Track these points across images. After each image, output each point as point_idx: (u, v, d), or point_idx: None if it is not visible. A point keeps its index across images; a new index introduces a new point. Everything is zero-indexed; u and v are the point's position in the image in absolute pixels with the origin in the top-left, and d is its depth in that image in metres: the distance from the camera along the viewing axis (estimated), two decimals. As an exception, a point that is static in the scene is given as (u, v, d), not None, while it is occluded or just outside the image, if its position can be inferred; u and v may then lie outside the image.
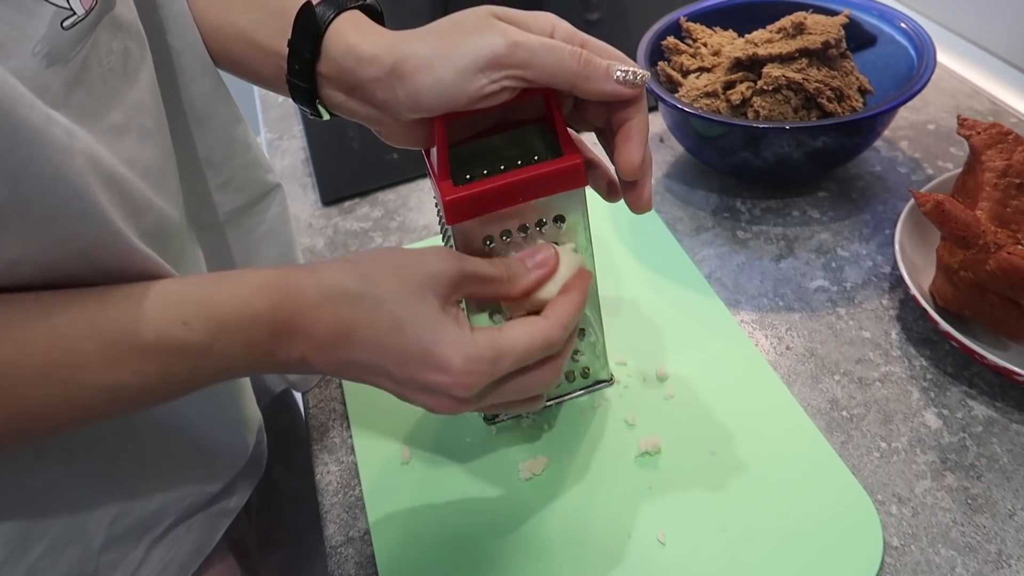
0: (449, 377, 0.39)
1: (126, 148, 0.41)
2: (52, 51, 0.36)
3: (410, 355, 0.39)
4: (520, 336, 0.41)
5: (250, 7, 0.48)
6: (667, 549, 0.48)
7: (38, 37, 0.35)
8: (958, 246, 0.54)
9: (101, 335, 0.36)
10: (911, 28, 0.72)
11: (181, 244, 0.46)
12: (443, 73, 0.40)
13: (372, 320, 0.39)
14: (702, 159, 0.76)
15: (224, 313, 0.38)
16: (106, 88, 0.40)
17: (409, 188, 0.80)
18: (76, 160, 0.35)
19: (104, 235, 0.36)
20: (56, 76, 0.36)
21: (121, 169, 0.39)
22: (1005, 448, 0.51)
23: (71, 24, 0.36)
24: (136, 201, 0.40)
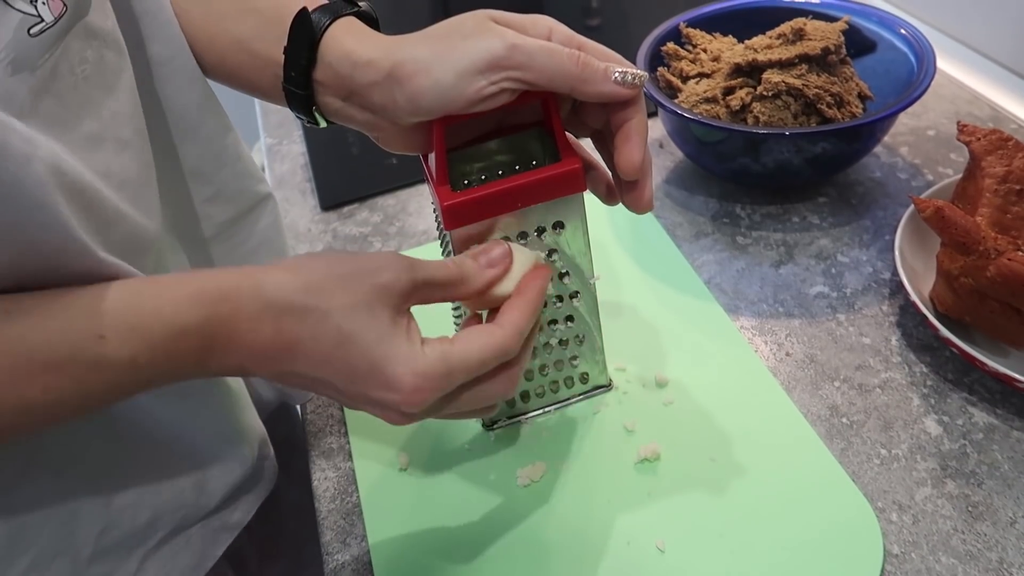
0: (398, 395, 0.38)
1: (100, 159, 0.40)
2: (17, 58, 0.35)
3: (358, 371, 0.38)
4: (472, 348, 0.39)
5: (244, 17, 0.48)
6: (666, 556, 0.47)
7: (2, 44, 0.34)
8: (958, 252, 0.54)
9: (9, 349, 0.34)
10: (911, 34, 0.72)
11: (159, 257, 0.45)
12: (441, 75, 0.40)
13: (317, 334, 0.38)
14: (701, 165, 0.76)
15: (147, 324, 0.36)
16: (79, 97, 0.39)
17: (408, 193, 0.80)
18: (36, 169, 0.34)
19: (67, 246, 0.35)
20: (22, 84, 0.35)
21: (89, 179, 0.38)
22: (1006, 455, 0.51)
23: (39, 31, 0.36)
24: (106, 212, 0.39)
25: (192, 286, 0.37)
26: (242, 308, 0.37)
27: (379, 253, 0.41)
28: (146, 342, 0.36)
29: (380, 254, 0.41)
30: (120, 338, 0.35)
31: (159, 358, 0.36)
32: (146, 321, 0.36)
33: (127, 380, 0.37)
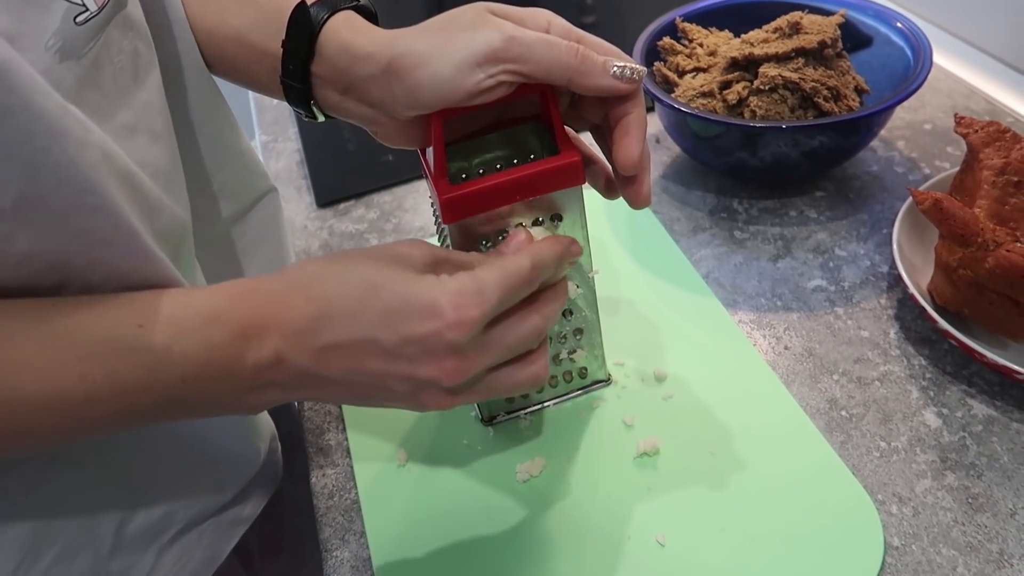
0: (441, 320, 0.36)
1: (136, 149, 0.40)
2: (65, 46, 0.36)
3: (394, 311, 0.36)
4: (493, 267, 0.39)
5: (244, 9, 0.48)
6: (666, 550, 0.47)
7: (51, 31, 0.35)
8: (957, 244, 0.54)
9: (48, 337, 0.34)
10: (907, 28, 0.72)
11: (190, 249, 0.46)
12: (439, 68, 0.40)
13: (346, 289, 0.37)
14: (699, 159, 0.76)
15: (181, 313, 0.36)
16: (116, 87, 0.40)
17: (404, 190, 0.80)
18: (91, 153, 0.34)
19: (117, 232, 0.36)
20: (69, 72, 0.36)
21: (133, 168, 0.38)
22: (1005, 447, 0.51)
23: (84, 20, 0.36)
24: (149, 200, 0.39)
25: (222, 285, 0.38)
26: (270, 289, 0.38)
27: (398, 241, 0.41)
28: (181, 328, 0.36)
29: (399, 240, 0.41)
30: (155, 325, 0.35)
31: (193, 347, 0.36)
32: (180, 310, 0.36)
33: (164, 375, 0.36)
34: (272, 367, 0.37)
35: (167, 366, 0.35)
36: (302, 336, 0.37)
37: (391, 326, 0.36)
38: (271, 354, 0.37)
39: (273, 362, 0.37)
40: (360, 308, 0.37)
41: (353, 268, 0.38)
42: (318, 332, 0.37)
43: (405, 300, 0.37)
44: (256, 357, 0.37)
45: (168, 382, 0.36)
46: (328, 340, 0.37)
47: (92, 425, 0.37)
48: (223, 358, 0.36)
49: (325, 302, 0.37)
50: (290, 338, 0.37)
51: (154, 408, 0.37)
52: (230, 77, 0.51)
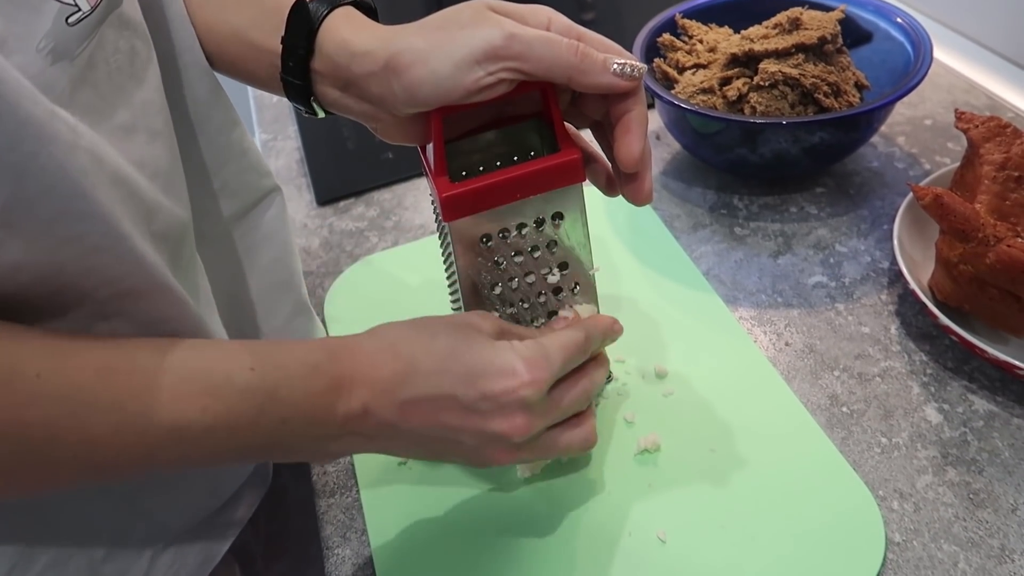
0: (517, 379, 0.41)
1: (134, 148, 0.40)
2: (57, 48, 0.35)
3: (474, 370, 0.41)
4: (555, 337, 0.44)
5: (243, 6, 0.48)
6: (667, 547, 0.47)
7: (43, 33, 0.35)
8: (957, 239, 0.54)
9: (175, 371, 0.37)
10: (907, 23, 0.72)
11: (192, 247, 0.46)
12: (439, 66, 0.40)
13: (430, 349, 0.42)
14: (699, 156, 0.76)
15: (287, 361, 0.40)
16: (112, 86, 0.39)
17: (404, 187, 0.80)
18: (80, 158, 0.34)
19: (107, 237, 0.36)
20: (62, 73, 0.36)
21: (129, 169, 0.38)
22: (1006, 442, 0.51)
23: (76, 20, 0.36)
24: (146, 202, 0.39)
25: (320, 340, 0.42)
26: (360, 348, 0.42)
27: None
28: (286, 375, 0.39)
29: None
30: (265, 370, 0.39)
31: (297, 394, 0.39)
32: (286, 359, 0.40)
33: (270, 414, 0.39)
34: (359, 418, 0.41)
35: (273, 408, 0.39)
36: (388, 391, 0.41)
37: (469, 383, 0.41)
38: (359, 406, 0.40)
39: (360, 413, 0.40)
40: (443, 368, 0.41)
41: (435, 333, 0.43)
42: (403, 388, 0.41)
43: (485, 361, 0.41)
44: (346, 407, 0.40)
45: (272, 423, 0.39)
46: (411, 395, 0.41)
47: (204, 456, 0.39)
48: (319, 405, 0.40)
49: (410, 361, 0.41)
50: (377, 392, 0.41)
51: (256, 447, 0.40)
52: (230, 73, 0.51)
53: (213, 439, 0.38)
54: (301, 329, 0.60)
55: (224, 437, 0.38)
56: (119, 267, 0.37)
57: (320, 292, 0.69)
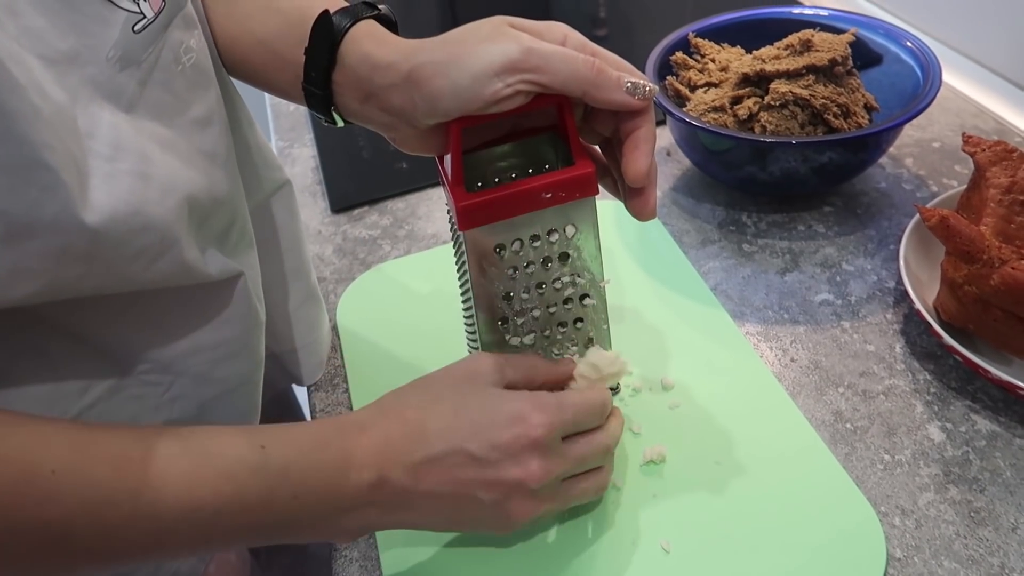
0: (524, 424, 0.42)
1: (209, 140, 0.43)
2: (125, 55, 0.37)
3: (482, 422, 0.42)
4: (574, 393, 0.46)
5: (268, 18, 0.49)
6: (671, 557, 0.48)
7: (111, 43, 0.36)
8: (962, 261, 0.54)
9: (189, 455, 0.38)
10: (917, 47, 0.73)
11: (241, 229, 0.48)
12: (459, 77, 0.41)
13: (437, 410, 0.43)
14: (709, 173, 0.77)
15: (298, 437, 0.41)
16: (186, 83, 0.42)
17: (418, 197, 0.81)
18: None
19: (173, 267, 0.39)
20: (130, 79, 0.38)
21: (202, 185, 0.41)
22: (1008, 462, 0.52)
23: (142, 27, 0.38)
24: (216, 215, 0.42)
25: (330, 418, 0.45)
26: (370, 420, 0.43)
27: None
28: (298, 451, 0.40)
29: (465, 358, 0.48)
30: (277, 447, 0.40)
31: (308, 469, 0.40)
32: (296, 435, 0.41)
33: (281, 492, 0.39)
34: (373, 488, 0.41)
35: (284, 485, 0.39)
36: (400, 456, 0.42)
37: (479, 435, 0.42)
38: (372, 476, 0.41)
39: (374, 483, 0.41)
40: (451, 425, 0.42)
41: (439, 394, 0.44)
42: (415, 450, 0.42)
43: (493, 411, 0.43)
44: (358, 479, 0.41)
45: (283, 500, 0.40)
46: (423, 456, 0.42)
47: (215, 539, 0.40)
48: (330, 479, 0.41)
49: (419, 424, 0.42)
50: (390, 459, 0.41)
51: (269, 526, 0.40)
52: (252, 82, 0.52)
53: (225, 521, 0.38)
54: (312, 315, 0.62)
55: (236, 518, 0.39)
56: (171, 268, 0.39)
57: (333, 298, 0.70)
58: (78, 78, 0.35)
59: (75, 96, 0.35)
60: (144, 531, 0.37)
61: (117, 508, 0.36)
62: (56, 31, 0.35)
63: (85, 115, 0.36)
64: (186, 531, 0.38)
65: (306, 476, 0.40)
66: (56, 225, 0.33)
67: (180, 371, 0.44)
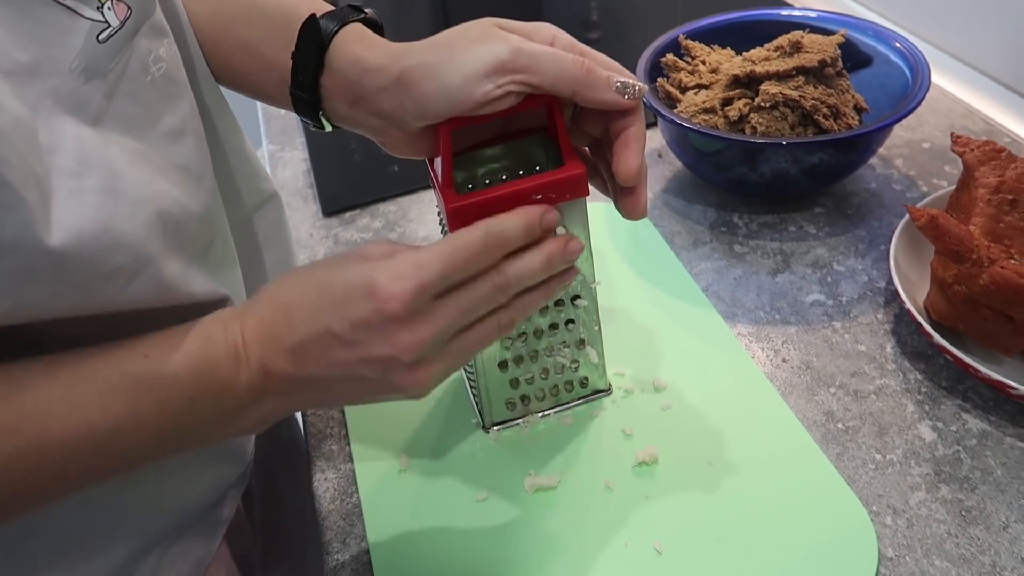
0: (377, 297, 0.37)
1: (182, 152, 0.41)
2: (90, 66, 0.36)
3: (340, 299, 0.38)
4: (439, 243, 0.40)
5: (252, 21, 0.49)
6: (664, 558, 0.48)
7: (74, 53, 0.35)
8: (952, 260, 0.55)
9: (64, 382, 0.36)
10: (906, 48, 0.74)
11: (222, 245, 0.47)
12: (449, 79, 0.41)
13: (304, 290, 0.40)
14: (700, 174, 0.77)
15: (181, 338, 0.39)
16: (157, 93, 0.40)
17: (409, 200, 0.81)
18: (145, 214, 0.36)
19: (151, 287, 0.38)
20: (95, 90, 0.36)
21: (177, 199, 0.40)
22: (999, 461, 0.52)
23: (106, 37, 0.37)
24: (187, 230, 0.41)
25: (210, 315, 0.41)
26: (250, 308, 0.40)
27: None
28: (184, 355, 0.38)
29: None
30: (161, 353, 0.38)
31: (197, 369, 0.38)
32: (180, 337, 0.39)
33: (174, 399, 0.38)
34: (262, 376, 0.39)
35: (176, 390, 0.38)
36: (275, 341, 0.39)
37: (340, 314, 0.38)
38: (257, 363, 0.39)
39: (261, 371, 0.39)
40: (315, 305, 0.39)
41: (312, 271, 0.40)
42: (286, 335, 0.39)
43: (345, 287, 0.38)
44: (248, 371, 0.39)
45: (179, 405, 0.38)
46: (295, 340, 0.39)
47: (117, 461, 0.38)
48: (221, 376, 0.39)
49: (287, 305, 0.40)
50: (266, 344, 0.39)
51: (171, 435, 0.39)
52: (237, 87, 0.52)
53: (122, 439, 0.37)
54: None
55: (133, 435, 0.37)
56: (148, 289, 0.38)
57: (324, 301, 0.69)
58: (39, 90, 0.34)
59: (36, 109, 0.34)
60: (36, 464, 0.35)
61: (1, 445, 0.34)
62: (14, 42, 0.33)
63: (47, 129, 0.34)
64: (83, 458, 0.36)
65: (197, 377, 0.38)
66: (18, 245, 0.32)
67: None
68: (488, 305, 0.41)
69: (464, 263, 0.39)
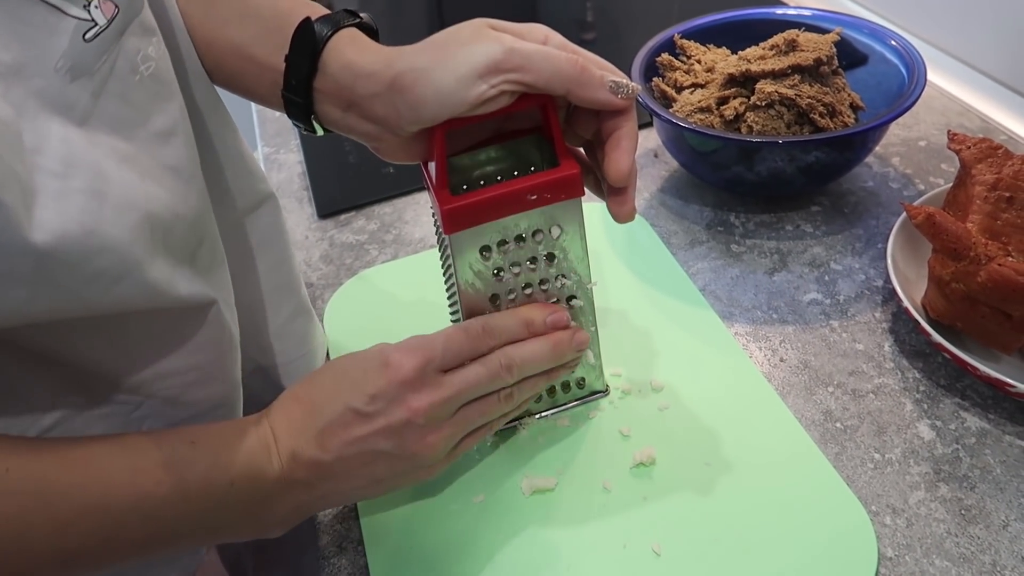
0: (391, 367, 0.43)
1: (171, 153, 0.41)
2: (76, 65, 0.35)
3: (356, 378, 0.44)
4: (447, 329, 0.46)
5: (246, 23, 0.49)
6: (662, 560, 0.47)
7: (60, 53, 0.35)
8: (949, 258, 0.54)
9: (127, 452, 0.39)
10: (902, 46, 0.74)
11: (211, 247, 0.47)
12: (442, 82, 0.40)
13: (322, 381, 0.45)
14: (696, 174, 0.77)
15: (222, 429, 0.43)
16: (146, 93, 0.40)
17: (405, 201, 0.80)
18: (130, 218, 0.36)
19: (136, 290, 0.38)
20: (82, 90, 0.36)
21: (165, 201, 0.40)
22: (998, 459, 0.52)
23: (93, 36, 0.36)
24: (174, 232, 0.41)
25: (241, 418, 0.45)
26: (275, 406, 0.45)
27: None
28: (223, 442, 0.42)
29: None
30: (205, 440, 0.42)
31: (236, 455, 0.42)
32: (219, 428, 0.43)
33: (216, 479, 0.41)
34: (290, 465, 0.43)
35: (219, 472, 0.41)
36: (301, 432, 0.43)
37: (357, 390, 0.43)
38: (287, 453, 0.43)
39: (290, 459, 0.43)
40: (335, 390, 0.44)
41: (325, 369, 0.46)
42: (313, 423, 0.43)
43: (360, 365, 0.44)
44: (278, 460, 0.43)
45: (222, 487, 0.41)
46: (321, 425, 0.43)
47: (163, 535, 0.41)
48: (256, 463, 0.42)
49: (311, 399, 0.44)
50: (293, 435, 0.43)
51: (212, 516, 0.42)
52: (229, 88, 0.51)
53: (171, 511, 0.39)
54: (302, 329, 0.61)
55: (180, 507, 0.40)
56: (133, 292, 0.38)
57: (320, 304, 0.69)
58: (23, 91, 0.33)
59: (21, 110, 0.33)
60: (97, 524, 0.37)
61: (69, 500, 0.36)
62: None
63: (32, 130, 0.33)
64: (135, 523, 0.38)
65: (236, 463, 0.41)
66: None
67: (148, 393, 0.43)
68: (495, 383, 0.46)
69: (460, 343, 0.45)
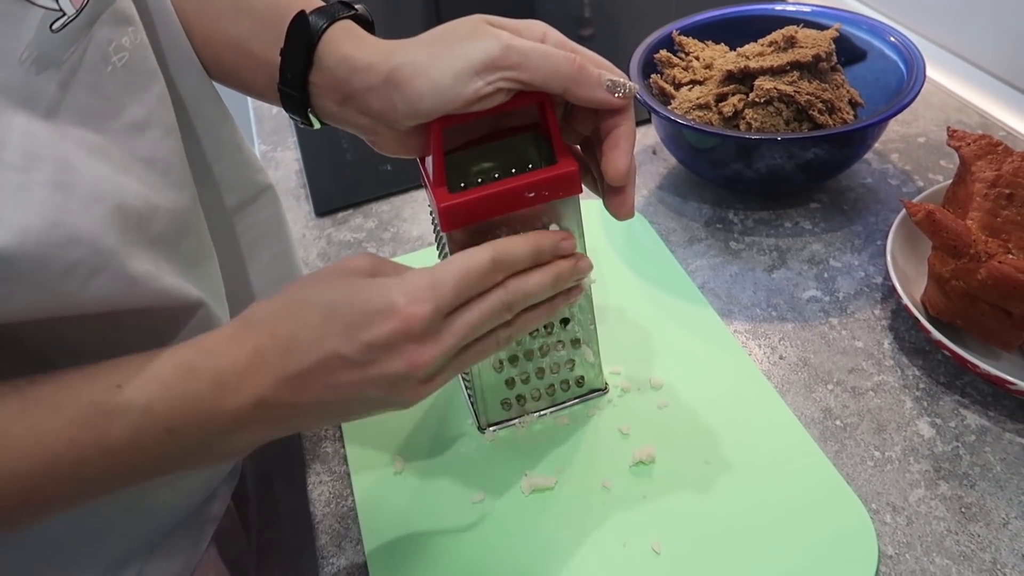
0: (397, 317, 0.38)
1: (146, 146, 0.40)
2: (41, 56, 0.35)
3: (352, 322, 0.38)
4: (452, 261, 0.40)
5: (241, 17, 0.48)
6: (662, 558, 0.47)
7: (25, 43, 0.34)
8: (949, 256, 0.54)
9: (27, 411, 0.35)
10: (901, 42, 0.73)
11: (198, 240, 0.46)
12: (439, 77, 0.40)
13: (305, 317, 0.39)
14: (695, 171, 0.77)
15: (158, 368, 0.37)
16: (118, 84, 0.39)
17: (403, 199, 0.80)
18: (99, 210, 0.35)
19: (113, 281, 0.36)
20: (48, 82, 0.35)
21: (140, 194, 0.38)
22: (998, 457, 0.51)
23: (61, 26, 0.35)
24: (152, 223, 0.39)
25: (194, 339, 0.39)
26: (238, 338, 0.39)
27: None
28: (160, 384, 0.37)
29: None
30: (135, 384, 0.36)
31: (176, 400, 0.37)
32: (158, 366, 0.37)
33: (149, 430, 0.36)
34: (255, 408, 0.38)
35: (150, 422, 0.36)
36: (275, 372, 0.38)
37: (352, 337, 0.38)
38: (251, 399, 0.38)
39: (254, 405, 0.38)
40: (320, 331, 0.38)
41: (306, 296, 0.40)
42: (288, 364, 0.38)
43: (361, 308, 0.38)
44: (236, 402, 0.38)
45: (156, 436, 0.37)
46: (298, 369, 0.38)
47: (87, 488, 0.37)
48: (205, 408, 0.37)
49: (288, 335, 0.38)
50: (262, 375, 0.38)
51: (148, 463, 0.38)
52: (225, 82, 0.51)
53: (91, 468, 0.36)
54: None
55: (103, 464, 0.36)
56: (114, 285, 0.37)
57: (317, 302, 0.69)
58: None
59: None
60: (8, 491, 0.35)
61: None
62: None
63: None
64: (51, 485, 0.35)
65: (177, 409, 0.37)
66: None
67: None
68: (495, 322, 0.42)
69: (472, 282, 0.40)
